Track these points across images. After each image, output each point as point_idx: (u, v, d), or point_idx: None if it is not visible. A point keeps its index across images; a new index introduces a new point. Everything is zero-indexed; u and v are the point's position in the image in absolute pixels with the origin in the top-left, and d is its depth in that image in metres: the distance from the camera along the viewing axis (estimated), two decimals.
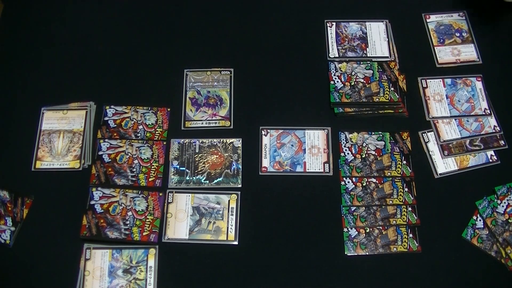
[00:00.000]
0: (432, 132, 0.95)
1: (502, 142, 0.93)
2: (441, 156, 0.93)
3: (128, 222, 0.87)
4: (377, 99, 0.95)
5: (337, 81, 0.97)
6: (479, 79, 0.98)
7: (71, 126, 0.95)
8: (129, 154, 0.93)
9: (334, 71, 0.98)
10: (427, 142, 0.94)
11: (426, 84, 0.98)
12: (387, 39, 1.02)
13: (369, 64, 0.98)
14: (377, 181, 0.90)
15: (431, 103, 0.97)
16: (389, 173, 0.91)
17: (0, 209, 0.87)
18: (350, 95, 0.95)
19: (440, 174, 0.92)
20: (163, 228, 0.87)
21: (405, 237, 0.86)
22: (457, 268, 0.84)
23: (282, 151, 0.93)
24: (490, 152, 0.93)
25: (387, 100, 0.94)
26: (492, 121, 0.95)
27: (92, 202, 0.88)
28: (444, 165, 0.92)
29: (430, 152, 0.93)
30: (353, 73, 0.98)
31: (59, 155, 0.93)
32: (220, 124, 0.96)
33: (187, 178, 0.91)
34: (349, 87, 0.96)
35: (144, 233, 0.86)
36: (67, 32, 1.05)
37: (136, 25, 1.06)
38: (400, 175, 0.91)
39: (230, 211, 0.88)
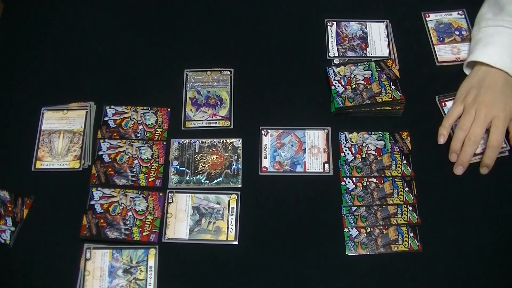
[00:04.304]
0: None
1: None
2: None
3: (128, 222, 0.87)
4: (380, 99, 0.94)
5: (338, 85, 0.96)
6: None
7: (71, 126, 0.95)
8: (129, 154, 0.93)
9: (334, 76, 0.97)
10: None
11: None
12: (387, 39, 1.02)
13: (367, 65, 0.98)
14: (377, 181, 0.90)
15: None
16: (389, 173, 0.91)
17: (0, 209, 0.87)
18: (353, 98, 0.94)
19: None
20: (163, 228, 0.87)
21: (406, 236, 0.86)
22: (458, 266, 0.84)
23: (282, 151, 0.93)
24: None
25: (390, 99, 0.94)
26: None
27: (92, 202, 0.88)
28: None
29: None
30: (352, 76, 0.97)
31: (59, 155, 0.92)
32: (220, 124, 0.96)
33: (187, 178, 0.91)
34: (350, 90, 0.95)
35: (144, 233, 0.86)
36: (67, 32, 1.05)
37: (136, 24, 1.06)
38: (400, 174, 0.90)
39: (230, 211, 0.88)
